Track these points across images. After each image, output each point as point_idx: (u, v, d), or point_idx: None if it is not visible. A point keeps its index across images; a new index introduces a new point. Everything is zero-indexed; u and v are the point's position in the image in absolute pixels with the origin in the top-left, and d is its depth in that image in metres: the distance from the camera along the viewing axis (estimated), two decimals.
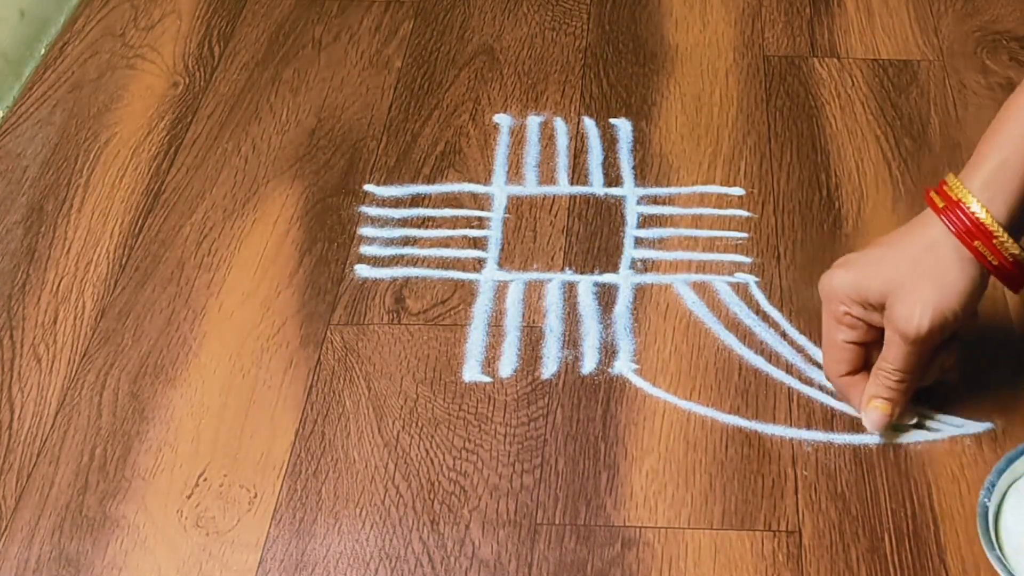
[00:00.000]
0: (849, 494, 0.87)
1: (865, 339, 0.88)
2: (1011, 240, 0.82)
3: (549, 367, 0.97)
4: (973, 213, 0.82)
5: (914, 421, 0.90)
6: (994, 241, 0.82)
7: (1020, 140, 0.82)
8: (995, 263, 0.83)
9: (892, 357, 0.86)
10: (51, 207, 1.13)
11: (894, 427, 0.89)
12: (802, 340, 0.97)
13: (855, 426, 0.91)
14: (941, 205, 0.84)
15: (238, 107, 1.23)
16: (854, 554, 0.84)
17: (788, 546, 0.84)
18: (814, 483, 0.88)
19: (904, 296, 0.84)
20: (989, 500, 0.81)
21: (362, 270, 1.05)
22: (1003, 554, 0.79)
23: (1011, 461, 0.83)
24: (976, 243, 0.82)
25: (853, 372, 0.89)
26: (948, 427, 0.91)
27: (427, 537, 0.86)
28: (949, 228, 0.83)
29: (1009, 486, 0.83)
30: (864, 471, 0.88)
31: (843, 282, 0.86)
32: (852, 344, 0.88)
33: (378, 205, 1.11)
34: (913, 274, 0.84)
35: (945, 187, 0.84)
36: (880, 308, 0.85)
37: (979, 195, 0.82)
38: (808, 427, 0.91)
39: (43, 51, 1.34)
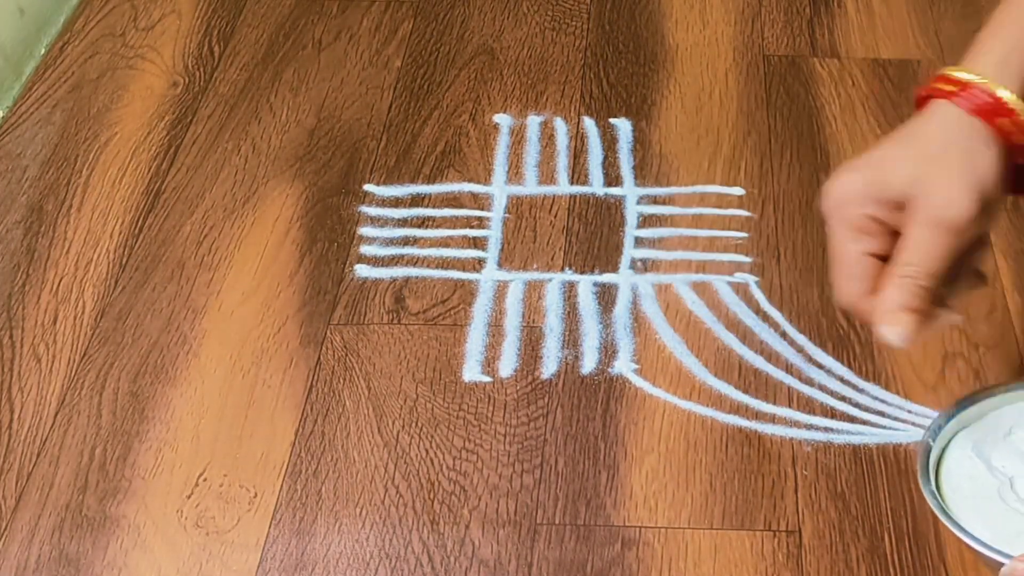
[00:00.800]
0: (849, 494, 0.87)
1: (885, 249, 0.76)
2: None
3: (549, 367, 0.97)
4: (992, 91, 0.75)
5: (959, 319, 0.80)
6: (1017, 118, 0.75)
7: None
8: (1020, 141, 0.76)
9: (920, 257, 0.74)
10: (51, 207, 1.13)
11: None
12: (802, 340, 0.97)
13: (855, 425, 0.91)
14: (951, 89, 0.77)
15: (238, 107, 1.23)
16: (854, 554, 0.84)
17: (788, 546, 0.84)
18: (814, 483, 0.88)
19: (937, 183, 0.75)
20: (933, 440, 0.79)
21: (362, 270, 1.05)
22: (940, 493, 0.78)
23: (961, 408, 0.81)
24: (999, 120, 0.75)
25: (873, 290, 0.76)
26: None
27: (427, 537, 0.86)
28: (967, 108, 0.76)
29: (956, 433, 0.81)
30: (864, 471, 0.88)
31: (856, 184, 0.77)
32: (871, 256, 0.76)
33: (378, 205, 1.11)
34: (939, 162, 0.76)
35: (946, 78, 0.77)
36: (900, 207, 0.76)
37: (994, 76, 0.75)
38: (808, 427, 0.91)
39: (43, 51, 1.34)
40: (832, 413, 0.92)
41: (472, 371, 0.97)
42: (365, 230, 1.09)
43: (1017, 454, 0.79)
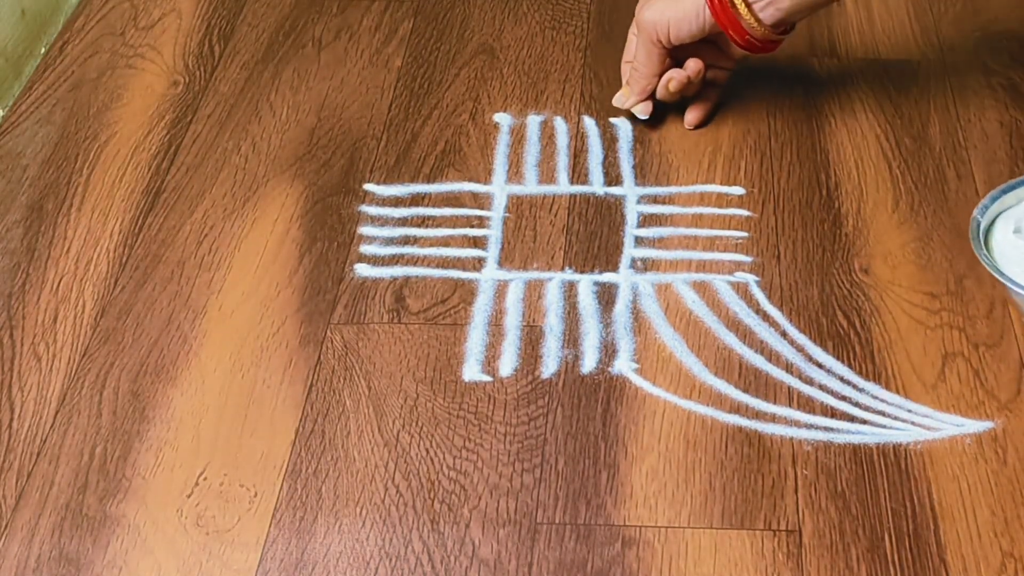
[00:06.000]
0: (849, 493, 0.87)
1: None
2: None
3: (549, 366, 0.97)
4: None
5: (646, 116, 1.16)
6: (736, 19, 1.07)
7: None
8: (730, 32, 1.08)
9: (635, 49, 1.14)
10: (51, 206, 1.13)
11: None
12: (802, 339, 0.97)
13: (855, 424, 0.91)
14: None
15: (238, 106, 1.23)
16: (854, 553, 0.84)
17: (788, 545, 0.84)
18: (814, 482, 0.88)
19: (648, 5, 1.11)
20: (982, 216, 0.96)
21: (362, 269, 1.05)
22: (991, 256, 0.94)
23: (1003, 193, 0.98)
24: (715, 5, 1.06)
25: (630, 61, 1.15)
26: (948, 427, 0.91)
27: (427, 536, 0.86)
28: None
29: (998, 214, 0.97)
30: (864, 470, 0.88)
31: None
32: (632, 35, 1.16)
33: (378, 204, 1.11)
34: (666, 5, 1.10)
35: None
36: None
37: None
38: (808, 426, 0.91)
39: (43, 50, 1.34)
40: (832, 412, 0.92)
41: (472, 370, 0.97)
42: (365, 229, 1.09)
43: None
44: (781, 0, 1.08)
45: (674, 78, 1.13)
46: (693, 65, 1.13)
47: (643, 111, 1.15)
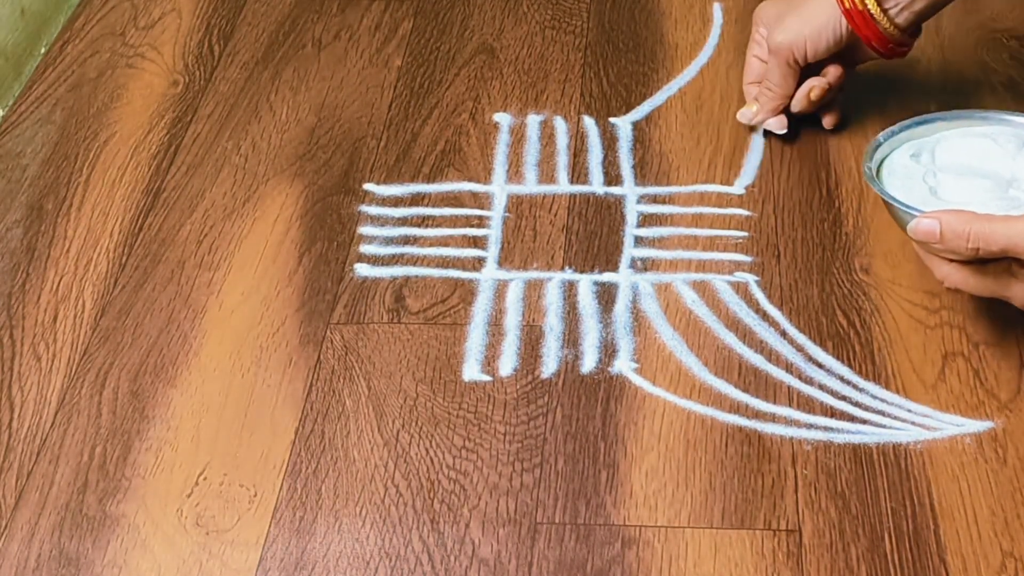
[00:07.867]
0: (849, 493, 0.87)
1: (765, 58, 1.14)
2: None
3: (549, 366, 0.97)
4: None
5: (783, 131, 1.14)
6: (871, 22, 1.06)
7: None
8: (847, 6, 1.06)
9: (767, 71, 1.13)
10: (51, 206, 1.13)
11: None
12: (802, 339, 0.97)
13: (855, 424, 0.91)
14: None
15: (238, 106, 1.23)
16: (854, 553, 0.84)
17: (788, 545, 0.84)
18: (814, 482, 0.88)
19: (779, 22, 1.10)
20: (885, 140, 0.99)
21: (362, 269, 1.05)
22: (879, 176, 0.97)
23: (916, 124, 1.01)
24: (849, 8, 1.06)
25: (755, 82, 1.15)
26: (948, 426, 0.91)
27: (427, 536, 0.86)
28: None
29: (906, 141, 1.00)
30: (864, 470, 0.88)
31: (760, 9, 1.13)
32: (756, 58, 1.15)
33: (378, 204, 1.12)
34: (791, 8, 1.10)
35: None
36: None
37: None
38: (808, 426, 0.91)
39: (43, 50, 1.34)
40: (832, 412, 0.92)
41: (472, 370, 0.97)
42: (365, 229, 1.09)
43: (949, 156, 0.97)
44: (915, 2, 1.06)
45: (815, 87, 1.11)
46: (834, 71, 1.12)
47: (779, 126, 1.13)
